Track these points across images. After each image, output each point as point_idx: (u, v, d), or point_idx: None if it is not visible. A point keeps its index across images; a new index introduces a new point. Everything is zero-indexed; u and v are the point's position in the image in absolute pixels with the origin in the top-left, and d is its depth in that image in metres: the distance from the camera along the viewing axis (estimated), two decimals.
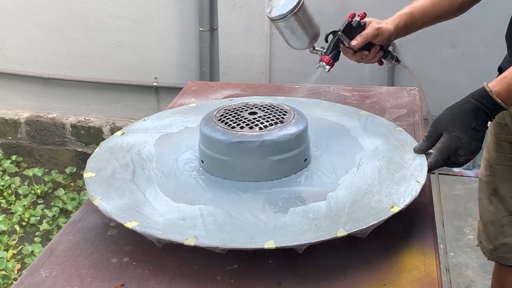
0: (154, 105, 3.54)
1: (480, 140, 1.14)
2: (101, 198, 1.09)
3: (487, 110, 1.13)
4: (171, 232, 0.98)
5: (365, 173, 1.16)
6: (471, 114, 1.13)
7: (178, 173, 1.19)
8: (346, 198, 1.08)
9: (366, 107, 1.62)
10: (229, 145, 1.14)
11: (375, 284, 0.95)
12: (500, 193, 1.57)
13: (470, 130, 1.13)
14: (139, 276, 0.99)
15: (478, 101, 1.14)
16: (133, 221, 1.01)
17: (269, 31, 3.21)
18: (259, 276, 0.98)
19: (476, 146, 1.14)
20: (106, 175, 1.19)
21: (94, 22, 3.43)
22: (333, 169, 1.19)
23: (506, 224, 1.58)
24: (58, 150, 3.70)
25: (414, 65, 3.18)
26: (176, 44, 3.39)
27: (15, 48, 3.63)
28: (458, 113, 1.14)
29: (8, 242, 2.89)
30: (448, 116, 1.15)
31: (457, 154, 1.14)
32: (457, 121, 1.13)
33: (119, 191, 1.12)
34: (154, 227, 1.00)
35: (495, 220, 1.60)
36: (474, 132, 1.13)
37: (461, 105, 1.15)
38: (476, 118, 1.13)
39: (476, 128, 1.13)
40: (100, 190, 1.13)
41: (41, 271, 1.01)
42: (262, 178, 1.15)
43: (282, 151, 1.15)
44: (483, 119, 1.14)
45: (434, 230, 1.09)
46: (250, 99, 1.41)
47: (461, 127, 1.13)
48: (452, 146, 1.13)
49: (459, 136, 1.13)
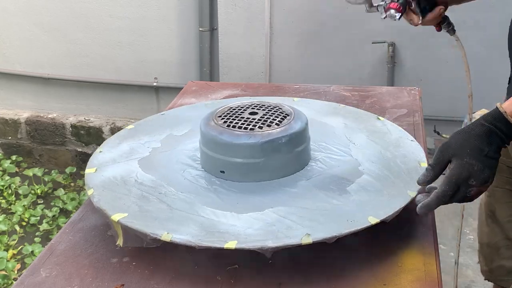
0: (154, 105, 3.54)
1: (493, 168, 1.01)
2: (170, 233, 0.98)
3: (502, 134, 1.01)
4: (286, 238, 0.95)
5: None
6: (484, 138, 1.00)
7: (204, 189, 1.13)
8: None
9: (366, 107, 1.62)
10: (261, 146, 1.13)
11: (375, 284, 0.95)
12: (497, 216, 1.49)
13: (483, 157, 0.99)
14: (139, 276, 0.99)
15: (491, 124, 1.01)
16: (230, 241, 0.95)
17: (269, 31, 3.21)
18: (259, 276, 0.98)
19: (489, 175, 1.00)
20: (148, 216, 1.04)
21: (94, 22, 3.43)
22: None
23: (503, 246, 1.50)
24: (58, 150, 3.70)
25: (414, 65, 3.19)
26: (176, 44, 3.39)
27: (15, 48, 3.63)
28: (469, 137, 1.01)
29: (8, 242, 2.89)
30: (457, 140, 1.02)
31: (468, 183, 1.00)
32: (469, 146, 1.00)
33: (182, 225, 1.01)
34: (260, 239, 0.96)
35: (491, 243, 1.53)
36: (486, 159, 1.00)
37: (472, 128, 1.02)
38: (490, 143, 1.00)
39: (489, 155, 1.00)
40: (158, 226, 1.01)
41: (41, 271, 1.01)
42: (288, 173, 1.16)
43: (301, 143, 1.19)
44: (497, 144, 1.01)
45: (434, 230, 1.09)
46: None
47: (473, 152, 1.00)
48: (463, 174, 0.99)
49: (471, 163, 0.99)
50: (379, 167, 1.19)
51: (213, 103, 1.55)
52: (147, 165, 1.24)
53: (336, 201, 1.06)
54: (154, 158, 1.27)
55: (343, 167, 1.20)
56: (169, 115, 1.52)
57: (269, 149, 1.14)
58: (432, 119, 2.99)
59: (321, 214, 1.02)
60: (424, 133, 1.48)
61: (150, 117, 1.52)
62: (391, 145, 1.28)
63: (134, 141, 1.35)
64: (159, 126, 1.42)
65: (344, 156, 1.24)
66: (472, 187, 1.00)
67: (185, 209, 1.05)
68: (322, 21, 3.16)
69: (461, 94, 3.16)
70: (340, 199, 1.07)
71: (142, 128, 1.43)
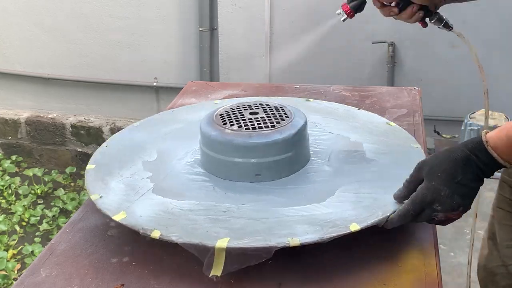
0: (154, 105, 3.54)
1: (465, 197, 0.96)
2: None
3: (480, 164, 0.95)
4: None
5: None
6: (459, 164, 0.95)
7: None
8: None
9: (366, 107, 1.62)
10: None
11: (375, 284, 0.95)
12: (497, 238, 1.41)
13: (453, 183, 0.94)
14: (139, 276, 0.99)
15: (471, 151, 0.96)
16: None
17: (269, 31, 3.21)
18: (259, 276, 0.98)
19: (459, 203, 0.95)
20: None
21: (94, 22, 3.43)
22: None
23: (499, 274, 1.42)
24: (58, 150, 3.70)
25: (414, 65, 3.19)
26: (176, 44, 3.39)
27: (15, 48, 3.63)
28: (445, 160, 0.97)
29: (8, 242, 2.89)
30: (433, 161, 0.98)
31: (432, 208, 0.96)
32: (440, 170, 0.96)
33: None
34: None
35: (487, 267, 1.46)
36: (458, 186, 0.94)
37: (451, 151, 0.97)
38: (464, 171, 0.95)
39: (462, 182, 0.94)
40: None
41: (41, 271, 1.01)
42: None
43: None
44: (473, 172, 0.95)
45: (434, 229, 1.09)
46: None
47: (444, 177, 0.95)
48: (428, 197, 0.96)
49: (438, 187, 0.95)
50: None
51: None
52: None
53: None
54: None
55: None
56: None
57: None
58: (432, 119, 2.99)
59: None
60: (424, 133, 1.48)
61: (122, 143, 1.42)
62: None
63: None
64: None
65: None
66: (438, 212, 0.96)
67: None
68: (322, 21, 3.15)
69: (461, 94, 3.17)
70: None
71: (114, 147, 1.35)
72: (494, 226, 1.42)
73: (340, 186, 1.12)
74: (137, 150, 1.31)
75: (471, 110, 2.92)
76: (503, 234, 1.39)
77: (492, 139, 0.95)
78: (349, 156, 1.24)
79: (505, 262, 1.40)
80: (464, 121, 2.91)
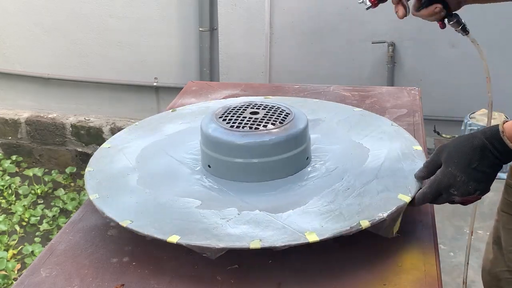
0: (154, 105, 3.54)
1: (481, 182, 0.99)
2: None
3: (496, 152, 0.98)
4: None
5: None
6: (476, 152, 0.98)
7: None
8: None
9: (366, 107, 1.62)
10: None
11: (375, 284, 0.95)
12: (502, 243, 1.40)
13: (469, 169, 0.98)
14: (139, 276, 0.99)
15: (488, 140, 0.98)
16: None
17: (269, 31, 3.21)
18: (259, 276, 0.98)
19: (476, 188, 0.98)
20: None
21: (94, 22, 3.43)
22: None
23: (504, 279, 1.41)
24: (58, 150, 3.70)
25: (414, 65, 3.19)
26: (176, 44, 3.39)
27: (15, 48, 3.64)
28: (463, 147, 1.00)
29: (8, 242, 2.89)
30: (452, 147, 1.01)
31: (449, 192, 1.00)
32: (459, 156, 0.99)
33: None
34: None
35: (492, 271, 1.45)
36: (474, 172, 0.98)
37: (470, 138, 1.00)
38: (481, 158, 0.98)
39: (478, 169, 0.98)
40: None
41: (41, 271, 1.01)
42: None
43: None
44: (490, 160, 0.98)
45: (434, 229, 1.09)
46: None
47: (460, 163, 0.99)
48: (444, 182, 1.00)
49: (454, 173, 0.99)
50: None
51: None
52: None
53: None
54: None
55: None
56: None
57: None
58: (432, 119, 2.99)
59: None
60: (424, 133, 1.48)
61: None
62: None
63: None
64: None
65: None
66: (454, 196, 1.00)
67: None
68: (322, 21, 3.16)
69: (461, 94, 3.17)
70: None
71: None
72: (499, 231, 1.41)
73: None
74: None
75: (471, 110, 2.92)
76: (509, 238, 1.38)
77: (509, 129, 0.97)
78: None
79: (510, 267, 1.39)
80: (464, 121, 2.91)
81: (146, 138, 1.37)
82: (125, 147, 1.33)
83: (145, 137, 1.37)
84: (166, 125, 1.44)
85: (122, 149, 1.31)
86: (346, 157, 1.23)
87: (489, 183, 1.00)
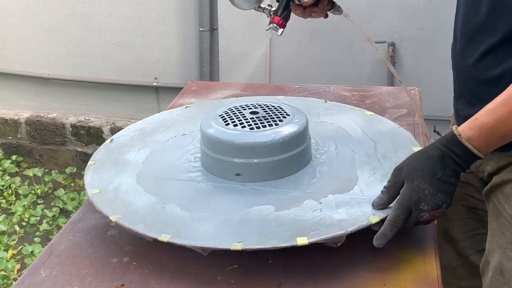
0: (154, 105, 3.54)
1: (448, 193, 0.98)
2: None
3: (457, 158, 0.97)
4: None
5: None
6: (437, 161, 0.97)
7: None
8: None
9: (366, 107, 1.62)
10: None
11: (375, 284, 0.95)
12: (452, 234, 1.43)
13: (435, 181, 0.96)
14: (139, 276, 0.99)
15: (446, 147, 0.98)
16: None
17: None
18: (259, 276, 0.98)
19: (443, 200, 0.97)
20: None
21: (94, 22, 3.43)
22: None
23: (458, 266, 1.44)
24: (58, 150, 3.70)
25: (414, 65, 3.19)
26: (176, 44, 3.39)
27: (15, 48, 3.63)
28: (422, 160, 0.98)
29: (8, 242, 2.89)
30: (410, 163, 1.00)
31: (419, 208, 0.97)
32: (420, 169, 0.97)
33: None
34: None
35: (445, 265, 1.42)
36: (439, 183, 0.96)
37: (426, 151, 1.00)
38: (443, 167, 0.97)
39: (443, 179, 0.97)
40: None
41: (41, 271, 1.01)
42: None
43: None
44: (451, 168, 0.97)
45: (434, 229, 1.09)
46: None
47: (424, 175, 0.97)
48: (413, 197, 0.97)
49: (420, 186, 0.96)
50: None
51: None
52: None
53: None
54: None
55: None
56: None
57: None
58: (432, 119, 2.99)
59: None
60: (424, 130, 1.48)
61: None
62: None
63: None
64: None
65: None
66: (424, 212, 0.97)
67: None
68: (322, 21, 3.15)
69: None
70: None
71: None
72: (445, 224, 1.42)
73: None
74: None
75: None
76: (459, 228, 1.40)
77: (465, 132, 0.98)
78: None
79: (464, 254, 1.42)
80: None
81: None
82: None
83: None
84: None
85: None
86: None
87: (452, 195, 0.99)
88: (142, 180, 1.18)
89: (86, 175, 1.20)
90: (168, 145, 1.34)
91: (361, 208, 1.03)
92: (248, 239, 0.95)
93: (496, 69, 1.07)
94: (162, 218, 1.04)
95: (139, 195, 1.12)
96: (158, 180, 1.18)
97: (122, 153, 1.30)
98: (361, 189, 1.10)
